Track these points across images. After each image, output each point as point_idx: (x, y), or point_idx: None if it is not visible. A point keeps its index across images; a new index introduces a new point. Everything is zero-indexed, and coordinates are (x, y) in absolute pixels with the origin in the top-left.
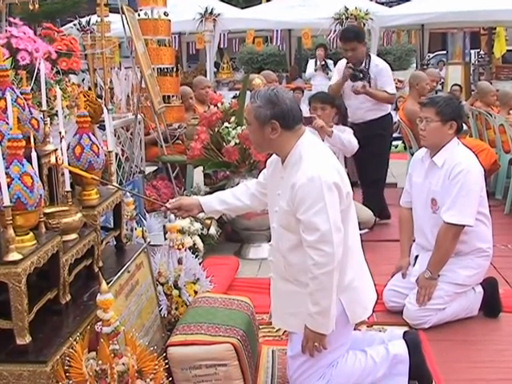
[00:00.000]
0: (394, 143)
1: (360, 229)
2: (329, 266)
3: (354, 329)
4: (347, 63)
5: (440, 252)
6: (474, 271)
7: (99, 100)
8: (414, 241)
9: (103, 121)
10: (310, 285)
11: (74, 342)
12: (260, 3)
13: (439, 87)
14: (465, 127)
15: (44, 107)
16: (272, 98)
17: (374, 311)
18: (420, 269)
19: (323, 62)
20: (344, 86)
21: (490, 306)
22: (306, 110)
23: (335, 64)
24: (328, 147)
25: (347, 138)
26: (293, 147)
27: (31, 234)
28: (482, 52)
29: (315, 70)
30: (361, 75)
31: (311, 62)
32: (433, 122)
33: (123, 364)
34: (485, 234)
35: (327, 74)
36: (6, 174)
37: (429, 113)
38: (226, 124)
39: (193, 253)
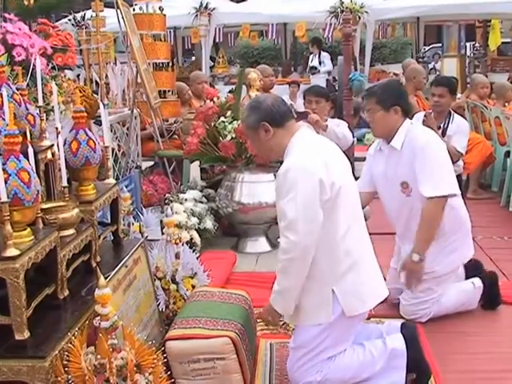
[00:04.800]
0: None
1: None
2: (290, 253)
3: None
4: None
5: (426, 229)
6: (454, 253)
7: (95, 95)
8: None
9: (99, 116)
10: (278, 265)
11: (73, 337)
12: None
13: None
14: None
15: (40, 103)
16: (253, 104)
17: None
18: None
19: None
20: None
21: (490, 299)
22: (301, 104)
23: (332, 57)
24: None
25: (342, 131)
26: (288, 144)
27: (29, 229)
28: (477, 44)
29: (307, 72)
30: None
31: (311, 58)
32: (376, 112)
33: (122, 358)
34: (455, 215)
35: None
36: (3, 169)
37: (370, 104)
38: (223, 118)
39: (190, 247)
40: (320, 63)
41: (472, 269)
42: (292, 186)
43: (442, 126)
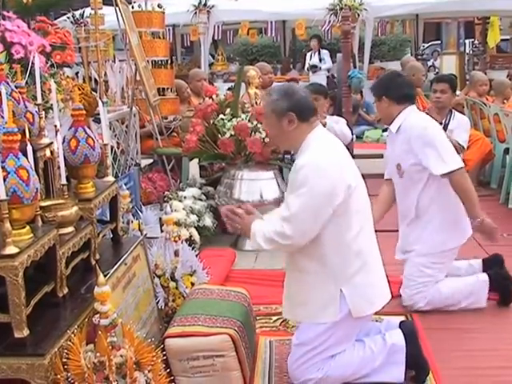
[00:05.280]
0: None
1: None
2: (280, 241)
3: None
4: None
5: (465, 199)
6: (441, 233)
7: (94, 93)
8: None
9: (98, 114)
10: (270, 231)
11: (72, 335)
12: None
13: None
14: None
15: (39, 101)
16: (288, 90)
17: None
18: (401, 242)
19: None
20: None
21: (504, 295)
22: None
23: (331, 54)
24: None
25: (340, 128)
26: (305, 139)
27: (28, 227)
28: (476, 42)
29: (307, 69)
30: None
31: (308, 55)
32: (376, 102)
33: (121, 356)
34: (440, 196)
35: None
36: (2, 167)
37: (375, 96)
38: (222, 116)
39: (189, 245)
40: (320, 60)
41: (491, 264)
42: (304, 183)
43: (443, 122)
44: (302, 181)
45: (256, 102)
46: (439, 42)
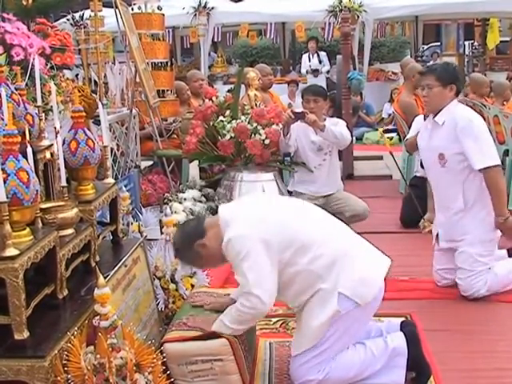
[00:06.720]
0: (389, 135)
1: (355, 221)
2: (252, 313)
3: None
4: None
5: (494, 195)
6: (489, 221)
7: (94, 95)
8: None
9: (98, 116)
10: (234, 311)
11: (72, 337)
12: None
13: None
14: None
15: (39, 102)
16: (181, 241)
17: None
18: (445, 231)
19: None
20: None
21: None
22: (300, 103)
23: (328, 56)
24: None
25: (340, 130)
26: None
27: (28, 229)
28: (475, 43)
29: (307, 72)
30: None
31: (305, 57)
32: (434, 88)
33: (121, 358)
34: (482, 186)
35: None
36: (2, 169)
37: (429, 80)
38: (221, 118)
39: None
40: (320, 62)
41: None
42: (238, 254)
43: None
44: (235, 254)
45: (256, 104)
46: (439, 43)
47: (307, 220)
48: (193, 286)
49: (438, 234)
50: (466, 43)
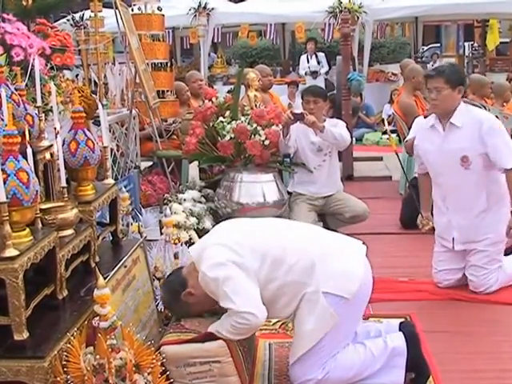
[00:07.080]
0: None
1: (355, 222)
2: (248, 324)
3: None
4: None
5: None
6: (506, 220)
7: (94, 95)
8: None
9: (98, 116)
10: (227, 325)
11: (72, 337)
12: None
13: None
14: None
15: (39, 103)
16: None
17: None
18: (462, 234)
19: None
20: None
21: None
22: (300, 104)
23: (327, 57)
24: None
25: (339, 131)
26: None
27: (28, 229)
28: (475, 44)
29: (305, 74)
30: None
31: (303, 58)
32: (444, 91)
33: (121, 358)
34: (504, 185)
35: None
36: (2, 170)
37: (438, 82)
38: (221, 118)
39: (189, 247)
40: (318, 63)
41: None
42: (215, 281)
43: None
44: (214, 284)
45: (256, 105)
46: (439, 44)
47: (275, 233)
48: None
49: (453, 238)
50: (466, 44)
